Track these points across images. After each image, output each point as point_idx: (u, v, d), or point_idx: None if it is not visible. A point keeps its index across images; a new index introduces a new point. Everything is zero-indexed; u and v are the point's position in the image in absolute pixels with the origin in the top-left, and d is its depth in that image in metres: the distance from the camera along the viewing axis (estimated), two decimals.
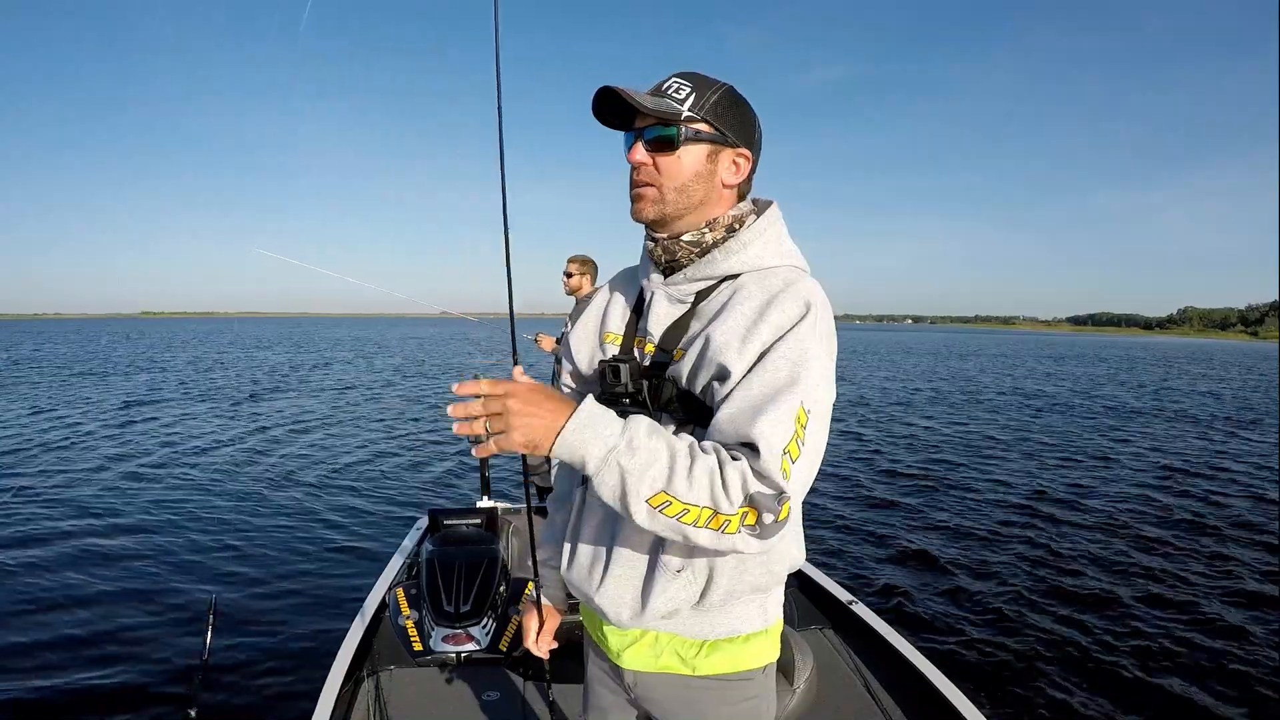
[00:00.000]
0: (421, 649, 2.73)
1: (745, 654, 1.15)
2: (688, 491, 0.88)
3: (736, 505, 0.89)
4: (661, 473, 0.88)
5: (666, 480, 0.88)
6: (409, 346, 42.74)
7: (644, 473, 0.88)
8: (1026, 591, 4.96)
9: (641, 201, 1.10)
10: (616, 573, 1.11)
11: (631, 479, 0.88)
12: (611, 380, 1.11)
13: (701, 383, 1.04)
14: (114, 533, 5.93)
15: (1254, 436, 12.75)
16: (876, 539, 6.02)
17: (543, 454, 0.89)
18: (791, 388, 0.95)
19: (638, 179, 1.09)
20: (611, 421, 0.91)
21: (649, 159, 1.07)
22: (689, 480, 0.88)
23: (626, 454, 0.88)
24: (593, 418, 0.89)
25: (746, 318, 1.01)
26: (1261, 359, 51.16)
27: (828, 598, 3.11)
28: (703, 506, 0.89)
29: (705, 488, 0.88)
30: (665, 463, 0.89)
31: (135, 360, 27.76)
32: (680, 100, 1.05)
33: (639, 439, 0.90)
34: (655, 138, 1.06)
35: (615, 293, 1.27)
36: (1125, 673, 3.88)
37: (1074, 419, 14.33)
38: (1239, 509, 7.41)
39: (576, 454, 0.89)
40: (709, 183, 1.09)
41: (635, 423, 0.92)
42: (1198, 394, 21.18)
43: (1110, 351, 58.51)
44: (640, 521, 0.91)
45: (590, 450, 0.88)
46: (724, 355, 1.00)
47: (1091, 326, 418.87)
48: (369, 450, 9.75)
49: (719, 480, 0.89)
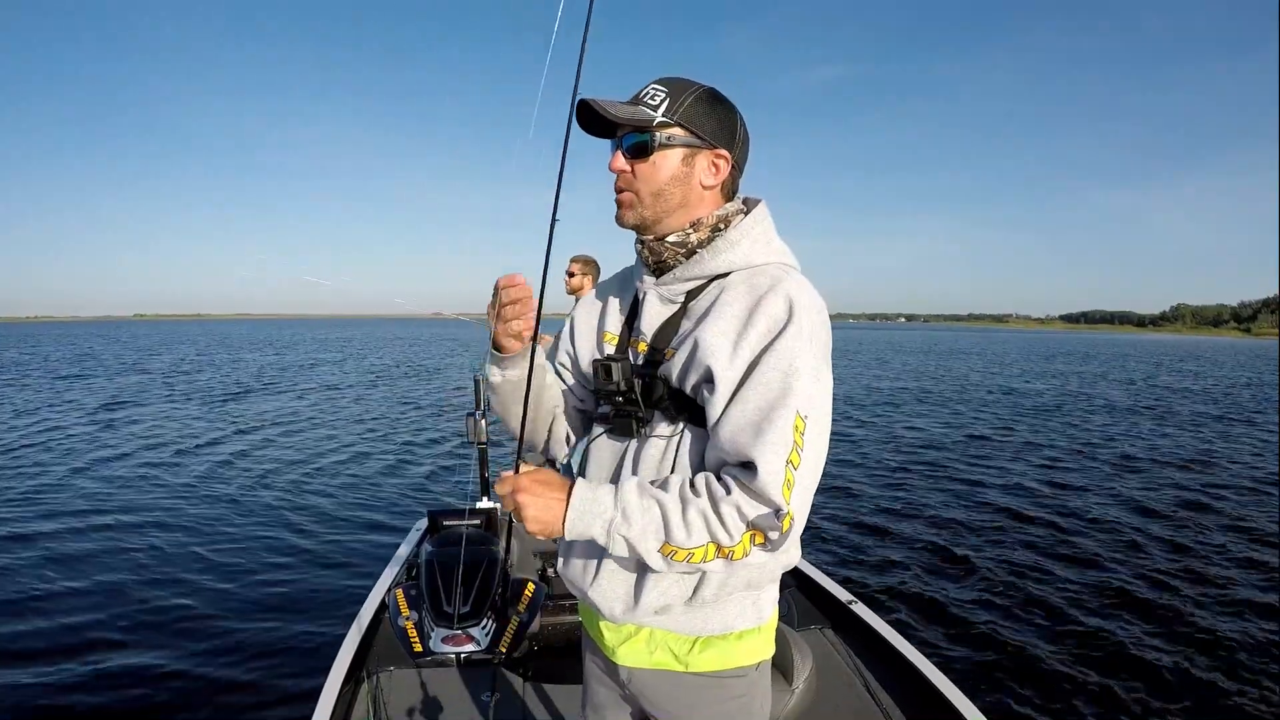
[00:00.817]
0: (421, 650, 2.72)
1: (738, 651, 1.16)
2: (687, 539, 0.97)
3: (737, 536, 0.98)
4: (658, 530, 0.98)
5: (666, 534, 0.98)
6: (404, 347, 42.64)
7: (644, 534, 0.98)
8: (1026, 590, 4.97)
9: (621, 209, 1.13)
10: (610, 568, 1.14)
11: (636, 543, 0.99)
12: (604, 378, 1.14)
13: (691, 382, 1.07)
14: (112, 532, 5.91)
15: (1253, 432, 12.81)
16: (876, 539, 6.04)
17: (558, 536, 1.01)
18: (785, 399, 0.98)
19: (617, 186, 1.12)
20: (603, 498, 1.00)
21: (628, 166, 1.10)
22: (685, 528, 0.97)
23: (624, 525, 0.99)
24: (585, 502, 1.00)
25: (735, 320, 1.04)
26: (1254, 355, 51.41)
27: (827, 598, 3.11)
28: (704, 545, 0.98)
29: (702, 530, 0.97)
30: (659, 520, 0.98)
31: (138, 361, 27.64)
32: (654, 106, 1.07)
33: (631, 507, 0.99)
34: (631, 145, 1.09)
35: (612, 294, 1.29)
36: (1124, 670, 3.89)
37: (1071, 418, 14.38)
38: (1239, 507, 7.43)
39: (585, 536, 1.01)
40: (686, 185, 1.10)
41: (625, 490, 1.01)
42: (1192, 390, 21.29)
43: (1103, 349, 58.74)
44: (658, 568, 1.01)
45: (594, 530, 1.00)
46: (713, 359, 1.02)
47: (1085, 324, 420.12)
48: (368, 451, 9.73)
49: (714, 520, 0.97)
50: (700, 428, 1.07)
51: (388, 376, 22.13)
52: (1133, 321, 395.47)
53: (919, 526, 6.45)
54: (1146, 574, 5.35)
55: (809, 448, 0.98)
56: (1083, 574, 5.30)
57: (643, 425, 1.12)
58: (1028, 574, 5.30)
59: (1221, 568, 5.51)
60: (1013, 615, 4.55)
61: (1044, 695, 3.62)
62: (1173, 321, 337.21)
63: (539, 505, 1.00)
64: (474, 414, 3.71)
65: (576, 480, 1.03)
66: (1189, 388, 22.37)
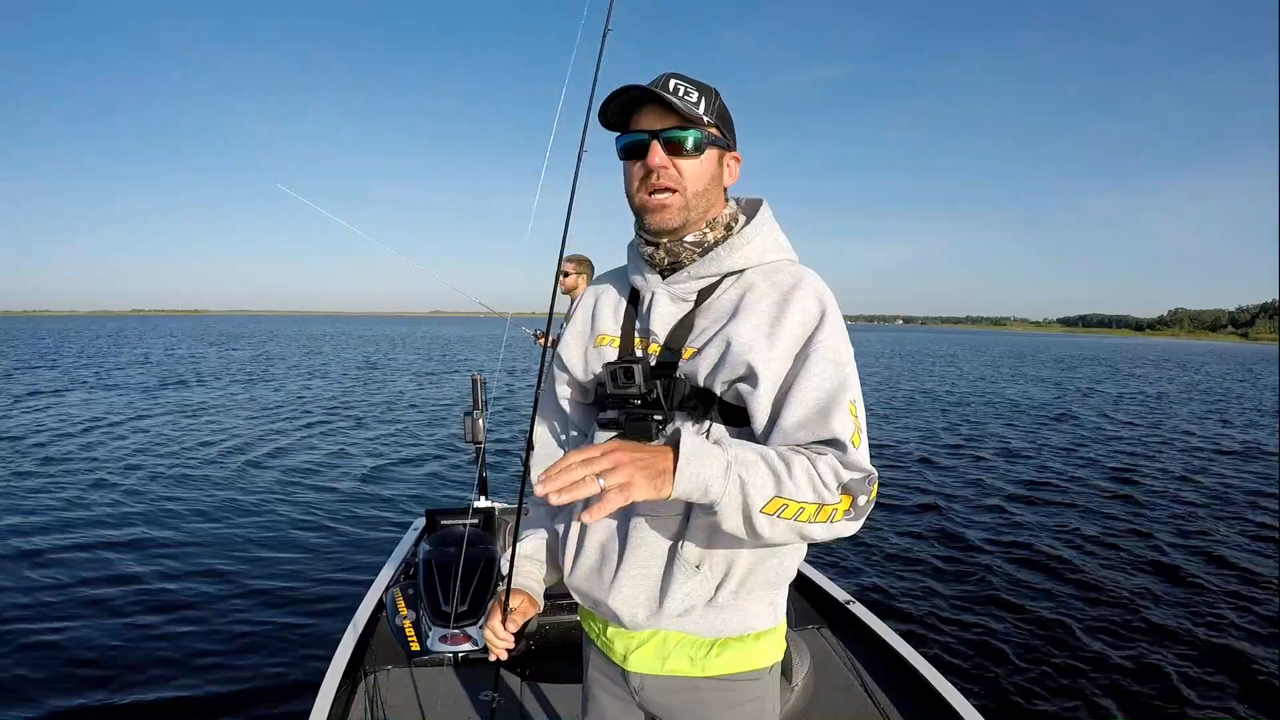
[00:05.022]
0: (419, 649, 2.72)
1: (755, 652, 1.15)
2: (796, 491, 0.93)
3: (837, 495, 0.96)
4: (769, 481, 0.93)
5: (776, 486, 0.93)
6: (400, 346, 42.60)
7: (759, 485, 0.92)
8: (1024, 590, 4.99)
9: (667, 211, 1.08)
10: (630, 572, 1.10)
11: (752, 492, 0.91)
12: (623, 382, 1.09)
13: (723, 379, 1.05)
14: (109, 532, 5.88)
15: (1253, 434, 12.85)
16: (875, 539, 6.03)
17: (666, 495, 0.89)
18: (843, 388, 1.02)
19: (660, 184, 1.07)
20: (711, 445, 0.92)
21: (669, 162, 1.06)
22: (793, 482, 0.93)
23: (741, 468, 0.91)
24: (699, 447, 0.91)
25: (766, 316, 1.05)
26: (1257, 361, 51.52)
27: (825, 597, 3.11)
28: (811, 503, 0.94)
29: (808, 485, 0.94)
30: (768, 470, 0.93)
31: (148, 354, 27.58)
32: (694, 103, 1.05)
33: (742, 454, 0.93)
34: (678, 141, 1.05)
35: (602, 296, 1.25)
36: (1125, 670, 3.89)
37: (1070, 418, 14.40)
38: (1240, 506, 7.47)
39: (699, 483, 0.89)
40: (718, 186, 1.12)
41: (727, 442, 0.96)
42: (1196, 393, 21.36)
43: (1102, 353, 58.85)
44: (762, 531, 0.94)
45: (710, 475, 0.89)
46: (751, 355, 1.02)
47: (1082, 328, 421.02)
48: (366, 450, 9.71)
49: (816, 476, 0.95)
50: (728, 425, 1.07)
51: (391, 375, 22.11)
52: (1131, 325, 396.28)
53: (917, 527, 6.46)
54: (1147, 573, 5.36)
55: (862, 429, 1.03)
56: (1082, 575, 5.31)
57: (663, 427, 1.08)
58: (1026, 574, 5.31)
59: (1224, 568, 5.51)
60: (1011, 615, 4.55)
61: (1041, 694, 3.63)
62: (1171, 325, 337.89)
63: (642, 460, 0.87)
64: (472, 413, 3.71)
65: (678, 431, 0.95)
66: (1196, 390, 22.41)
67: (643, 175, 1.08)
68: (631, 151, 1.08)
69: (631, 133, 1.08)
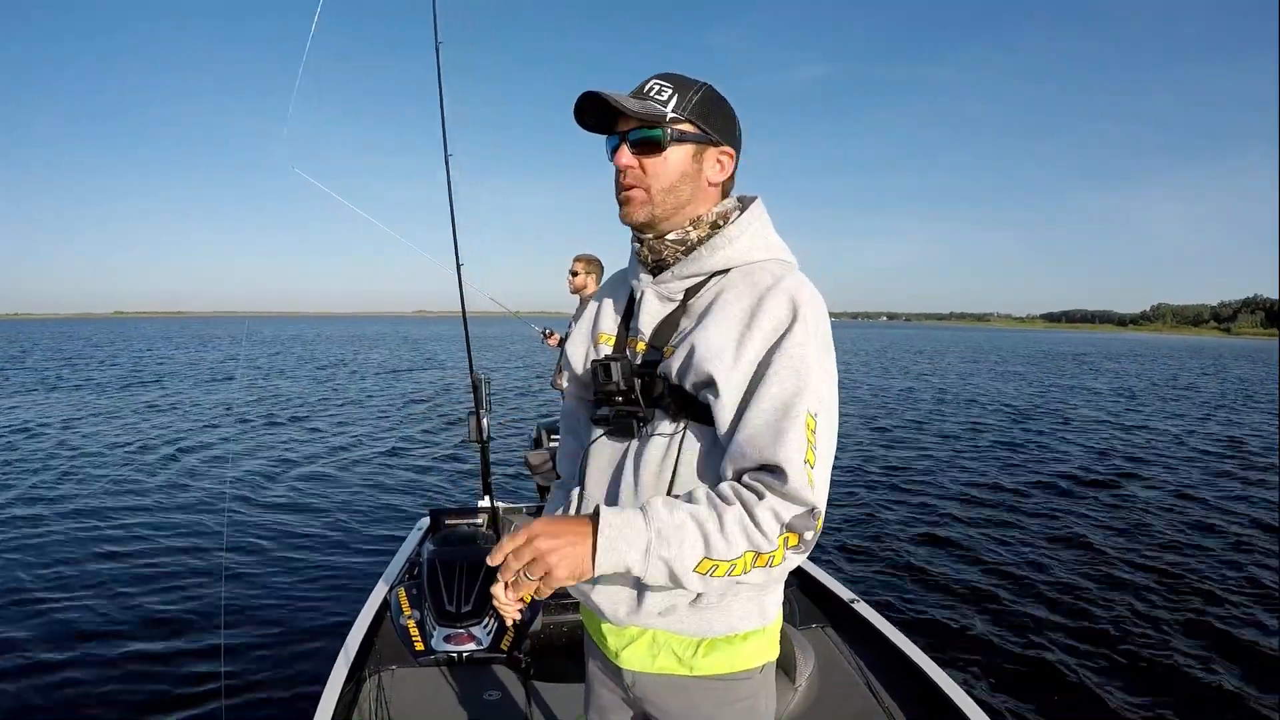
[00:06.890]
0: (423, 649, 2.72)
1: (743, 653, 1.15)
2: (728, 550, 0.94)
3: (775, 539, 0.95)
4: (698, 544, 0.94)
5: (705, 548, 0.94)
6: (397, 345, 42.35)
7: (683, 553, 0.93)
8: (1028, 588, 4.96)
9: (630, 205, 1.11)
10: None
11: (676, 564, 0.93)
12: (603, 379, 1.12)
13: (691, 381, 1.06)
14: (107, 531, 5.84)
15: (1253, 431, 12.94)
16: (878, 537, 6.01)
17: (589, 578, 0.93)
18: (798, 398, 0.98)
19: (625, 182, 1.10)
20: (633, 520, 0.94)
21: (635, 162, 1.08)
22: (725, 539, 0.94)
23: (662, 546, 0.93)
24: (614, 528, 0.93)
25: (736, 319, 1.04)
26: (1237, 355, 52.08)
27: (829, 596, 3.12)
28: (744, 554, 0.94)
29: (741, 538, 0.94)
30: (697, 533, 0.94)
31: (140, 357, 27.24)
32: (663, 102, 1.06)
33: (665, 526, 0.94)
34: (641, 140, 1.07)
35: (607, 296, 1.29)
36: (1127, 669, 3.88)
37: (1069, 417, 14.41)
38: (1241, 504, 7.48)
39: (620, 566, 0.93)
40: (695, 182, 1.11)
41: (653, 510, 0.96)
42: (1192, 388, 21.55)
43: (1088, 347, 59.29)
44: (695, 588, 0.96)
45: (631, 558, 0.92)
46: (715, 361, 1.02)
47: (1065, 323, 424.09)
48: (370, 450, 9.64)
49: (751, 526, 0.95)
50: (702, 424, 1.07)
51: (390, 375, 21.93)
52: (1114, 321, 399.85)
53: (921, 525, 6.43)
54: (1151, 573, 5.31)
55: (821, 444, 0.99)
56: (1087, 572, 5.28)
57: (643, 424, 1.11)
58: (1030, 572, 5.27)
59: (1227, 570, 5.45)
60: (1015, 614, 4.52)
61: (1046, 694, 3.62)
62: (1153, 321, 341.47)
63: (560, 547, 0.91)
64: (475, 412, 3.70)
65: (598, 509, 0.96)
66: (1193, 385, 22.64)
67: (616, 174, 1.12)
68: (610, 154, 1.12)
69: (609, 136, 1.12)
